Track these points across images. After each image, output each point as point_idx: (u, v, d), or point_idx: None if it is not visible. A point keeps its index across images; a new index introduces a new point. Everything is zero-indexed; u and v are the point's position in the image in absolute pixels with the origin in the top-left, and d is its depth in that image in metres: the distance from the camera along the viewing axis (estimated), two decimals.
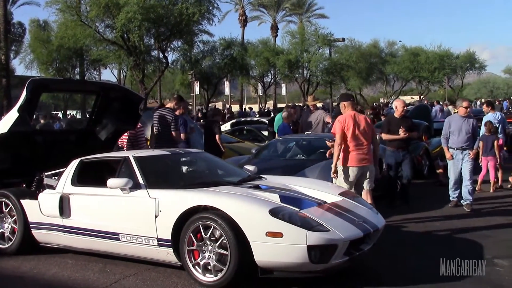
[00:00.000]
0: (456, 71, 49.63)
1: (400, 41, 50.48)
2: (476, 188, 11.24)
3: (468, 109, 9.71)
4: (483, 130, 11.84)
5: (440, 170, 12.71)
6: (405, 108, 10.24)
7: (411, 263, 6.46)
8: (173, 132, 9.52)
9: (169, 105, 10.16)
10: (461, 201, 9.65)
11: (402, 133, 9.69)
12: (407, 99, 58.62)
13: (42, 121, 19.93)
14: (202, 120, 24.61)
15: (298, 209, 5.74)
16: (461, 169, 9.62)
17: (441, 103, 32.47)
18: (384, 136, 9.97)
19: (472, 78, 64.90)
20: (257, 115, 31.04)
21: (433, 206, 9.79)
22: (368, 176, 8.00)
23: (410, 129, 9.89)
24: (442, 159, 12.89)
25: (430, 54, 45.84)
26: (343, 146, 7.86)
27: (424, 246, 7.34)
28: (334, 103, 44.73)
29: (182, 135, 9.80)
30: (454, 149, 9.67)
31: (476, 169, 10.24)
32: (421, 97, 50.87)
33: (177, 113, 9.87)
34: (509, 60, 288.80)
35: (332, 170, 7.88)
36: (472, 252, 6.81)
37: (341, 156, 7.85)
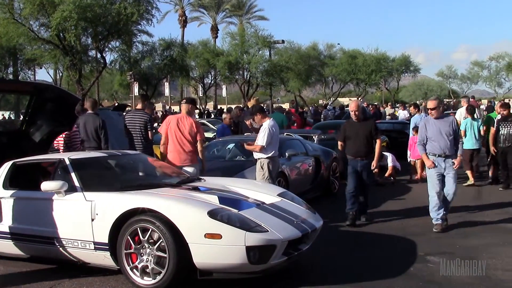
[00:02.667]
0: (392, 73, 51.03)
1: (338, 44, 51.64)
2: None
3: (435, 110, 8.13)
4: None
5: (376, 170, 13.02)
6: (357, 111, 8.79)
7: (348, 262, 6.60)
8: (149, 132, 9.56)
9: (139, 106, 10.23)
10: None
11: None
12: (345, 100, 59.89)
13: None
14: None
15: (237, 211, 5.76)
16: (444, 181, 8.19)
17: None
18: (338, 143, 9.06)
19: (407, 80, 67.10)
20: (197, 116, 30.88)
21: (369, 205, 10.01)
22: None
23: (371, 136, 8.72)
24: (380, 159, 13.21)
25: (367, 56, 46.92)
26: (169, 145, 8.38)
27: (360, 244, 7.52)
28: (274, 105, 45.06)
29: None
30: (435, 156, 8.15)
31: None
32: (359, 98, 51.96)
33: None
34: (442, 64, 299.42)
35: None
36: (405, 250, 7.05)
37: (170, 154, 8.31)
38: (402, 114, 27.47)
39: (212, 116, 34.88)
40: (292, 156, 10.24)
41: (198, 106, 10.74)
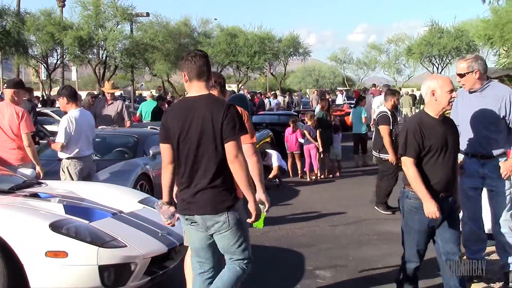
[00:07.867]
0: (278, 56, 52.27)
1: (215, 19, 51.72)
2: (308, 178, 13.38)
3: (467, 77, 5.69)
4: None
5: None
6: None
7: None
8: None
9: None
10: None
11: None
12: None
13: None
14: None
15: (87, 221, 5.68)
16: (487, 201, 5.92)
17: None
18: (407, 163, 5.05)
19: (296, 65, 68.80)
20: (40, 105, 29.82)
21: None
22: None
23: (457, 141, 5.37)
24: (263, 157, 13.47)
25: (249, 35, 47.73)
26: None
27: None
28: (137, 92, 44.61)
29: None
30: (468, 155, 5.85)
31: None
32: (240, 85, 52.76)
33: None
34: (336, 46, 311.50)
35: None
36: (292, 264, 7.26)
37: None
38: (273, 103, 28.49)
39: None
40: (157, 155, 10.15)
41: (27, 90, 10.19)
